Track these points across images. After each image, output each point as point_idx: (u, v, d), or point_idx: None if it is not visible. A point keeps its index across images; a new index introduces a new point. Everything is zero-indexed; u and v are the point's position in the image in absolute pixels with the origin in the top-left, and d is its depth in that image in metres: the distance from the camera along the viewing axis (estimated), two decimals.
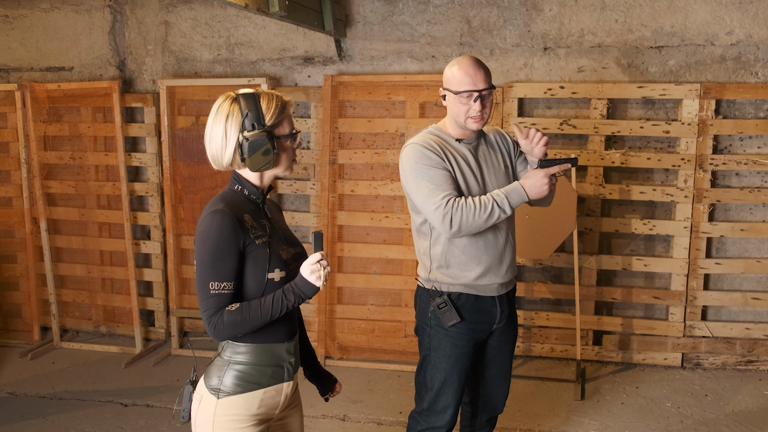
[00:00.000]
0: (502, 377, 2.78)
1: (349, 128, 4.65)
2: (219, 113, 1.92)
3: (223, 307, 1.87)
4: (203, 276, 1.86)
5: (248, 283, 1.91)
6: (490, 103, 2.51)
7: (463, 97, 2.46)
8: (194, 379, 2.04)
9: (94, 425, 3.88)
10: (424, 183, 2.45)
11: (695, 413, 3.91)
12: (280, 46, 4.80)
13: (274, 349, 1.97)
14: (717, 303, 4.46)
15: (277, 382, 1.99)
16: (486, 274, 2.57)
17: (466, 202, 2.41)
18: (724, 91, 4.25)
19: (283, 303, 1.88)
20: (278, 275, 1.93)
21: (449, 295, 2.58)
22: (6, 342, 5.15)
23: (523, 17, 4.46)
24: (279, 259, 1.94)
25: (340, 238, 4.73)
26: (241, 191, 2.00)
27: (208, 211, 1.90)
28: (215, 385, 1.93)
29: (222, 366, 1.95)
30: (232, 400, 1.92)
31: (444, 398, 2.64)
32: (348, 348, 4.73)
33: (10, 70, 5.24)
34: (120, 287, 5.12)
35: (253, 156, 1.89)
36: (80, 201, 5.11)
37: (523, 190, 2.43)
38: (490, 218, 2.41)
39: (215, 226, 1.86)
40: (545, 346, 4.63)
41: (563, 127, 4.43)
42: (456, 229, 2.41)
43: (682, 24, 4.30)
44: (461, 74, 2.46)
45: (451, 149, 2.54)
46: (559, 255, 4.54)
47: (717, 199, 4.35)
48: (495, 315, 2.64)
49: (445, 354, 2.61)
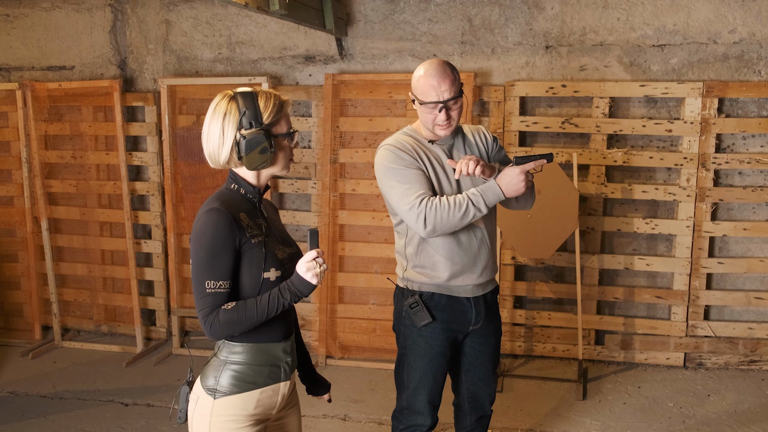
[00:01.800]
0: (485, 379, 2.74)
1: (351, 127, 4.63)
2: (216, 111, 1.91)
3: (219, 306, 1.86)
4: (199, 275, 1.85)
5: (244, 282, 1.90)
6: (459, 109, 2.48)
7: (429, 107, 2.44)
8: (191, 379, 2.03)
9: (95, 425, 3.88)
10: (398, 184, 2.45)
11: (697, 413, 3.89)
12: (281, 44, 4.79)
13: (270, 349, 1.96)
14: (720, 302, 4.44)
15: (274, 382, 1.97)
16: (459, 274, 2.55)
17: (440, 201, 2.39)
18: (727, 90, 4.22)
19: (279, 301, 1.87)
20: (274, 274, 1.91)
21: (421, 295, 2.57)
22: (7, 341, 5.15)
23: (524, 15, 4.44)
24: (275, 258, 1.93)
25: (341, 237, 4.72)
26: (238, 190, 1.98)
27: (204, 209, 1.89)
28: (212, 385, 1.92)
29: (218, 366, 1.94)
30: (228, 400, 1.91)
31: (421, 397, 2.64)
32: (349, 347, 4.72)
33: (12, 69, 5.24)
34: (121, 286, 5.12)
35: (250, 154, 1.88)
36: (81, 200, 5.11)
37: (499, 188, 2.39)
38: (465, 217, 2.39)
39: (211, 224, 1.85)
40: (547, 345, 4.61)
41: (565, 125, 4.41)
42: (431, 228, 2.40)
43: (684, 22, 4.28)
44: (426, 84, 2.42)
45: (425, 149, 2.53)
46: (561, 254, 4.52)
47: (720, 198, 4.33)
48: (470, 316, 2.61)
49: (419, 354, 2.61)
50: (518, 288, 4.62)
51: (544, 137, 4.54)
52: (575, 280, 4.38)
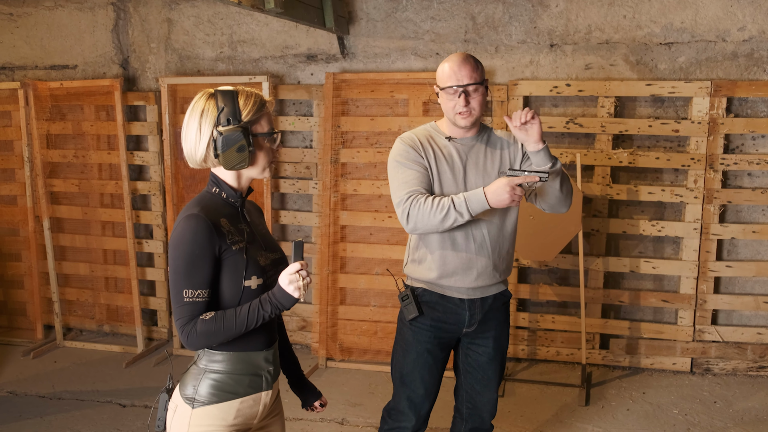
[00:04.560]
0: (483, 384, 2.67)
1: (352, 126, 4.58)
2: (194, 108, 1.87)
3: (197, 316, 1.80)
4: (177, 283, 1.80)
5: (224, 291, 1.85)
6: (480, 98, 2.47)
7: (449, 93, 2.47)
8: (170, 387, 1.99)
9: (91, 426, 3.86)
10: (397, 177, 2.51)
11: (703, 421, 3.80)
12: (282, 43, 4.74)
13: (251, 358, 1.91)
14: (728, 307, 4.34)
15: (255, 392, 1.92)
16: (450, 276, 2.53)
17: (425, 200, 2.38)
18: (736, 89, 4.12)
19: (259, 313, 1.82)
20: (255, 282, 1.86)
21: (414, 289, 2.59)
22: (10, 340, 5.15)
23: (528, 13, 4.36)
24: (256, 265, 1.88)
25: (342, 238, 4.67)
26: (219, 194, 1.93)
27: (182, 215, 1.84)
28: (190, 394, 1.87)
29: (197, 374, 1.89)
30: (207, 410, 1.86)
31: (406, 395, 2.62)
32: (350, 349, 4.67)
33: (15, 68, 5.23)
34: (123, 286, 5.10)
35: (226, 152, 1.83)
36: (83, 199, 5.09)
37: (484, 196, 2.32)
38: (446, 220, 2.35)
39: (189, 231, 1.80)
40: (551, 349, 4.54)
41: (569, 125, 4.33)
42: (412, 225, 2.41)
43: (692, 20, 4.18)
44: (448, 71, 2.46)
45: (437, 146, 2.53)
46: (566, 257, 4.44)
47: (728, 200, 4.23)
48: (463, 317, 2.58)
49: (406, 348, 2.63)
50: (522, 290, 4.54)
51: (548, 137, 4.46)
52: (579, 282, 4.30)
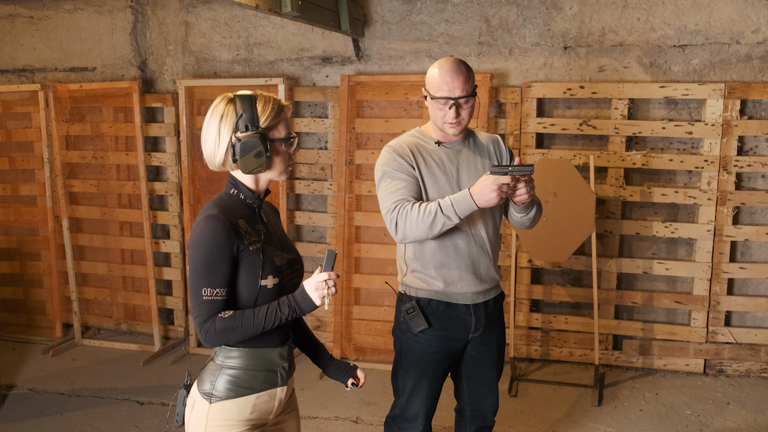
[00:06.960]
0: (486, 387, 2.68)
1: (367, 128, 4.62)
2: (214, 113, 1.92)
3: (216, 314, 1.85)
4: (196, 282, 1.85)
5: (241, 290, 1.89)
6: (470, 109, 2.44)
7: (440, 103, 2.41)
8: (188, 382, 2.04)
9: (110, 423, 3.92)
10: (385, 186, 2.44)
11: (715, 422, 3.81)
12: (298, 46, 4.79)
13: (267, 354, 1.96)
14: (741, 308, 4.34)
15: (271, 387, 1.97)
16: (457, 282, 2.49)
17: (411, 207, 2.32)
18: (750, 91, 4.12)
19: (277, 315, 1.86)
20: (271, 282, 1.91)
21: (419, 300, 2.52)
22: (29, 338, 5.24)
23: (542, 16, 4.38)
24: (272, 265, 1.92)
25: (357, 238, 4.71)
26: (237, 195, 1.98)
27: (202, 215, 1.89)
28: (207, 389, 1.92)
29: (214, 370, 1.94)
30: (224, 405, 1.91)
31: (414, 405, 2.61)
32: (364, 349, 4.71)
33: (35, 70, 5.32)
34: (140, 285, 5.17)
35: (244, 157, 1.88)
36: (102, 200, 5.17)
37: (471, 198, 2.26)
38: (434, 225, 2.29)
39: (209, 231, 1.84)
40: (564, 350, 4.55)
41: (583, 127, 4.35)
42: (402, 235, 2.35)
43: (706, 22, 4.19)
44: (440, 79, 2.39)
45: (426, 152, 2.50)
46: (579, 258, 4.46)
47: (742, 202, 4.23)
48: (469, 324, 2.54)
49: (414, 361, 2.57)
50: (535, 291, 4.57)
51: (562, 139, 4.48)
52: (592, 283, 4.32)
